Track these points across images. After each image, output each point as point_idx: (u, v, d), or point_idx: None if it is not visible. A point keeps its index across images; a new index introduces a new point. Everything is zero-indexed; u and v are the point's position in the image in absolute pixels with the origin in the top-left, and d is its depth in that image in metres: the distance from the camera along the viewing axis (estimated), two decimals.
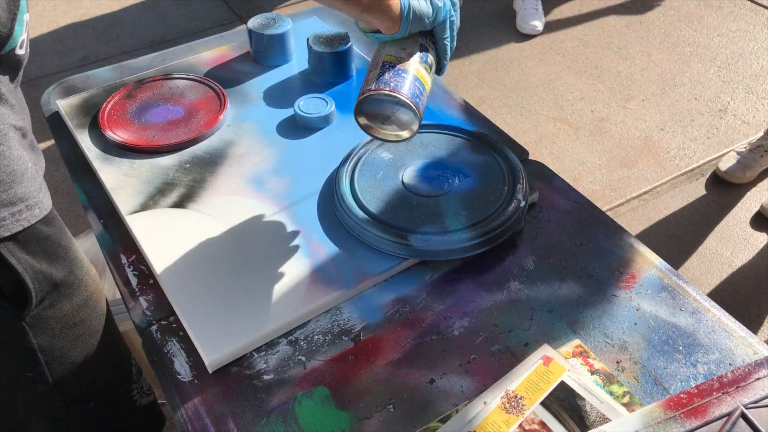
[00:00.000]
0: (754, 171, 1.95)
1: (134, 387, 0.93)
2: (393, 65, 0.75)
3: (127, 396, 0.92)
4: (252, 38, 1.10)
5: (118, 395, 0.91)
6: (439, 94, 1.06)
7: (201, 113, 1.00)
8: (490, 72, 2.44)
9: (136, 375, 0.94)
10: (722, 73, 2.39)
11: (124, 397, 0.92)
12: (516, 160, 0.87)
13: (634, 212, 1.89)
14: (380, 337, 0.73)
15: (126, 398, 0.92)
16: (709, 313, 0.73)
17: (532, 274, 0.79)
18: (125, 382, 0.91)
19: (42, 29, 2.70)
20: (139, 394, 0.94)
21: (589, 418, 0.64)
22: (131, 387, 0.93)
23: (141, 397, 0.95)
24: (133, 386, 0.93)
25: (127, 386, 0.92)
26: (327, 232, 0.83)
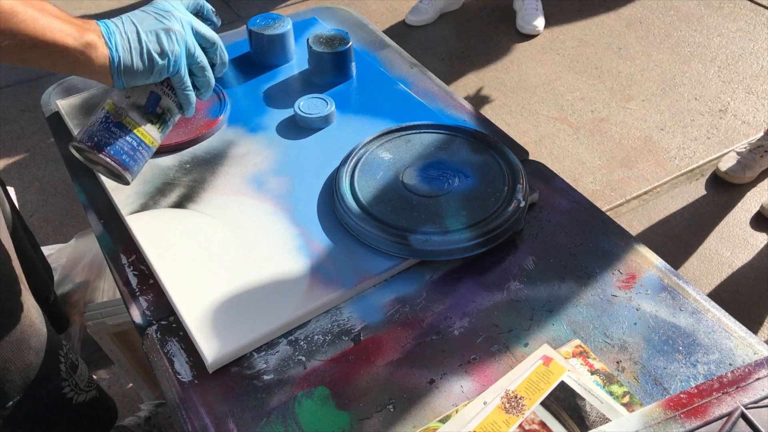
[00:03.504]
0: (754, 171, 1.95)
1: (65, 384, 0.91)
2: (108, 116, 0.72)
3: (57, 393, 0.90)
4: (252, 38, 1.10)
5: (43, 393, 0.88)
6: (439, 94, 1.06)
7: (201, 113, 1.00)
8: (490, 72, 2.44)
9: (67, 372, 0.91)
10: (722, 73, 2.39)
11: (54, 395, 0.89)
12: (516, 160, 0.87)
13: (634, 212, 1.90)
14: (380, 337, 0.73)
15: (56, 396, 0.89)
16: (709, 313, 0.73)
17: (532, 274, 0.79)
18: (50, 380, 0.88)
19: None
20: (73, 392, 0.92)
21: (589, 418, 0.64)
22: (60, 384, 0.90)
23: (77, 394, 0.92)
24: (63, 383, 0.90)
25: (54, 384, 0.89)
26: (327, 232, 0.83)
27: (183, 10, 0.73)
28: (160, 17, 0.70)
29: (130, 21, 0.69)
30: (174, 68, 0.71)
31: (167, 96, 0.74)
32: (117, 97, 0.72)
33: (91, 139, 0.71)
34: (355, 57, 1.09)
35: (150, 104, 0.73)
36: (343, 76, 1.07)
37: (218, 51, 0.76)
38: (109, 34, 0.67)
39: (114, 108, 0.72)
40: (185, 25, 0.72)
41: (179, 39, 0.70)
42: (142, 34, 0.68)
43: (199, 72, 0.74)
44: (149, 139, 0.74)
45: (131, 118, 0.72)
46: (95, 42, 0.65)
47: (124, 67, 0.67)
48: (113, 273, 0.82)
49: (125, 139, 0.72)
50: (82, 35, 0.64)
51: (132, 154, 0.73)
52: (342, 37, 1.06)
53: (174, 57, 0.70)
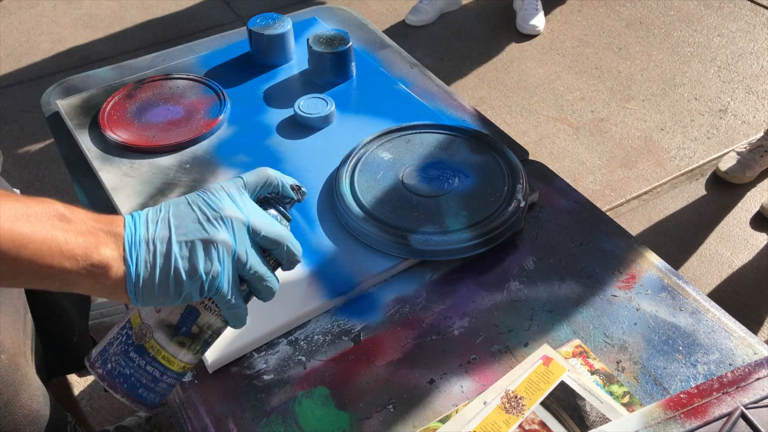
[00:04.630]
0: (754, 171, 1.94)
1: None
2: (129, 336, 0.56)
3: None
4: (252, 38, 1.10)
5: None
6: (439, 94, 1.06)
7: (201, 113, 1.00)
8: (490, 72, 2.44)
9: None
10: (722, 73, 2.39)
11: None
12: (516, 160, 0.87)
13: (634, 212, 1.89)
14: (380, 337, 0.73)
15: None
16: (709, 313, 0.73)
17: (532, 274, 0.79)
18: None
19: (42, 29, 2.70)
20: None
21: (589, 418, 0.64)
22: None
23: None
24: None
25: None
26: (327, 232, 0.83)
27: (244, 200, 0.57)
28: (205, 219, 0.54)
29: (166, 221, 0.54)
30: (210, 289, 0.54)
31: (209, 310, 0.57)
32: (145, 310, 0.57)
33: (104, 366, 0.56)
34: (355, 57, 1.09)
35: (184, 323, 0.57)
36: (343, 76, 1.07)
37: (285, 251, 0.58)
38: (132, 242, 0.52)
39: (139, 324, 0.56)
40: (238, 229, 0.55)
41: (222, 254, 0.53)
42: (174, 246, 0.52)
43: (256, 282, 0.57)
44: (178, 365, 0.58)
45: (156, 342, 0.56)
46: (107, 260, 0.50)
47: (143, 287, 0.51)
48: None
49: (146, 369, 0.56)
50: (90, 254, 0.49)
51: (152, 386, 0.57)
52: (342, 37, 1.06)
53: (209, 278, 0.53)
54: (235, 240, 0.54)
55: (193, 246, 0.53)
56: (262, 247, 0.58)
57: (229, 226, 0.55)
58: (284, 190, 0.62)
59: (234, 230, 0.55)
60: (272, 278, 0.58)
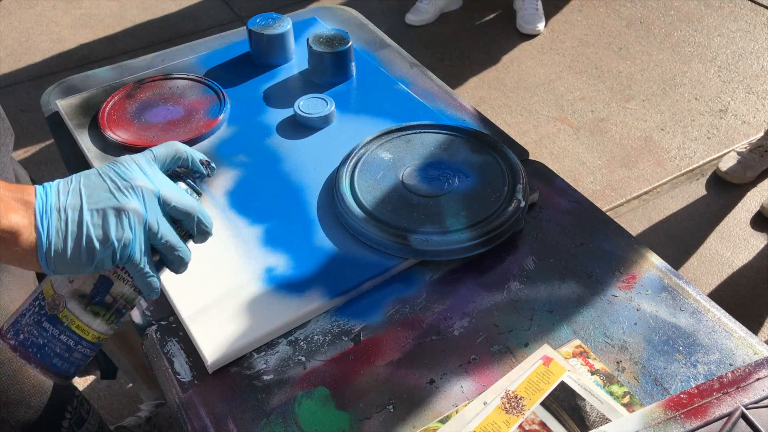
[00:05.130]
0: (754, 171, 1.95)
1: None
2: (42, 306, 0.57)
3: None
4: (252, 38, 1.10)
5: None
6: (439, 94, 1.06)
7: (201, 113, 1.00)
8: (490, 72, 2.44)
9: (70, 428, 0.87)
10: (722, 73, 2.39)
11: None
12: (516, 160, 0.87)
13: (634, 212, 1.89)
14: (380, 338, 0.73)
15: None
16: (709, 314, 0.73)
17: (532, 274, 0.79)
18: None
19: (42, 29, 2.70)
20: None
21: (589, 419, 0.64)
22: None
23: None
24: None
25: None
26: (327, 232, 0.83)
27: (153, 172, 0.59)
28: (116, 189, 0.55)
29: (78, 191, 0.55)
30: (122, 257, 0.55)
31: (121, 280, 0.58)
32: (58, 280, 0.57)
33: (16, 336, 0.56)
34: (355, 57, 1.09)
35: (97, 292, 0.57)
36: (343, 76, 1.07)
37: (195, 222, 0.60)
38: (43, 209, 0.53)
39: (51, 295, 0.57)
40: (148, 198, 0.56)
41: (133, 221, 0.55)
42: (86, 214, 0.53)
43: (167, 251, 0.59)
44: (93, 335, 0.58)
45: (70, 311, 0.57)
46: (17, 226, 0.51)
47: (54, 255, 0.53)
48: None
49: (59, 339, 0.57)
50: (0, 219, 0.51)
51: (66, 356, 0.57)
52: (342, 37, 1.06)
53: (121, 245, 0.54)
54: (146, 209, 0.56)
55: (105, 214, 0.54)
56: (173, 219, 0.59)
57: (139, 196, 0.56)
58: (194, 165, 0.63)
59: (145, 199, 0.56)
60: (184, 248, 0.60)
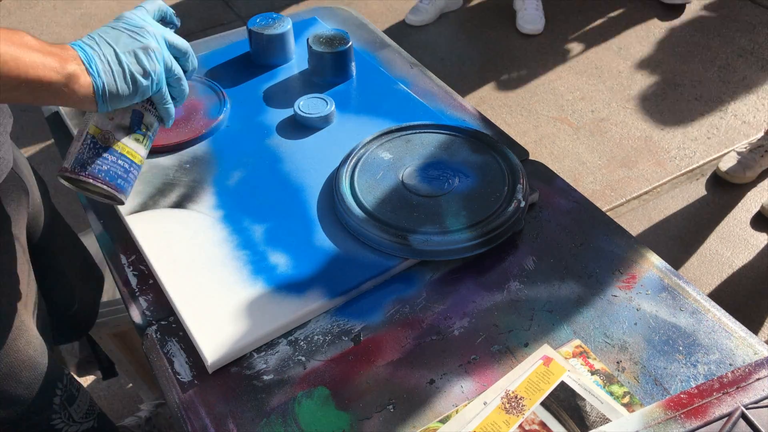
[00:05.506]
0: (754, 171, 1.95)
1: (55, 417, 0.90)
2: (95, 141, 0.70)
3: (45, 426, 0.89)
4: (252, 38, 1.10)
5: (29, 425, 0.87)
6: (439, 94, 1.06)
7: (201, 113, 0.99)
8: (490, 72, 2.44)
9: (61, 404, 0.91)
10: (722, 73, 2.39)
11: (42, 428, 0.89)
12: (516, 160, 0.87)
13: (634, 212, 1.89)
14: (380, 338, 0.73)
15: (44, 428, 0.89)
16: (709, 314, 0.73)
17: (532, 274, 0.79)
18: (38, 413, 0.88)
19: (42, 29, 2.70)
20: (65, 423, 0.91)
21: (589, 419, 0.64)
22: (50, 417, 0.89)
23: (68, 425, 0.92)
24: (53, 416, 0.90)
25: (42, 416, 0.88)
26: (327, 232, 0.83)
27: (153, 22, 0.71)
28: (135, 35, 0.68)
29: (105, 42, 0.66)
30: (157, 87, 0.70)
31: (149, 112, 0.74)
32: (100, 121, 0.71)
33: (83, 168, 0.70)
34: (355, 57, 1.09)
35: (135, 123, 0.72)
36: (343, 76, 1.07)
37: (190, 58, 0.74)
38: (89, 60, 0.64)
39: (100, 132, 0.71)
40: (160, 39, 0.70)
41: (158, 56, 0.68)
42: (122, 56, 0.66)
43: (176, 83, 0.73)
44: (138, 158, 0.74)
45: (119, 141, 0.72)
46: (77, 72, 0.62)
47: (109, 93, 0.65)
48: (113, 273, 0.82)
49: (117, 163, 0.71)
50: (64, 67, 0.61)
51: (125, 176, 0.72)
52: (342, 37, 1.06)
53: (156, 76, 0.69)
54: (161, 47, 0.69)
55: (136, 54, 0.67)
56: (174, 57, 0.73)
57: (153, 37, 0.69)
58: (170, 17, 0.77)
59: (158, 40, 0.69)
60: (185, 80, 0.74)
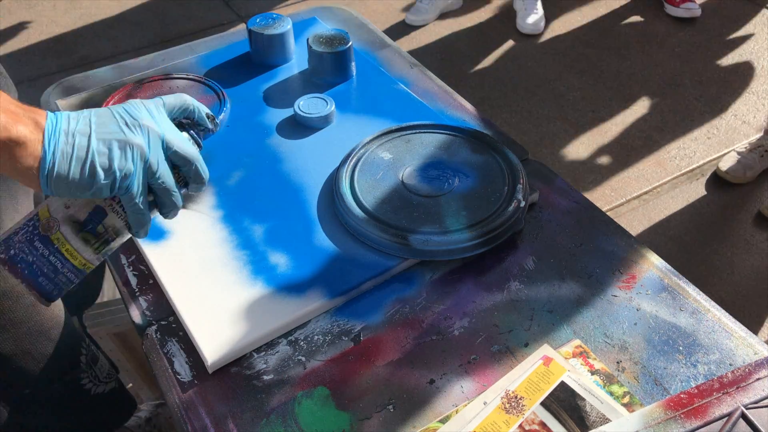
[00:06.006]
0: (754, 171, 1.94)
1: (83, 375, 0.90)
2: (36, 226, 0.60)
3: (75, 384, 0.90)
4: (252, 38, 1.10)
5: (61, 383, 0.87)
6: (439, 94, 1.06)
7: None
8: (490, 72, 2.44)
9: (87, 363, 0.91)
10: (722, 73, 2.39)
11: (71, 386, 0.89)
12: (516, 160, 0.87)
13: (634, 212, 1.89)
14: (380, 338, 0.73)
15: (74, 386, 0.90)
16: (709, 314, 0.73)
17: (532, 274, 0.79)
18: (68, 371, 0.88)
19: (42, 29, 2.70)
20: (92, 383, 0.92)
21: (589, 419, 0.64)
22: (79, 376, 0.90)
23: (95, 385, 0.93)
24: (81, 375, 0.90)
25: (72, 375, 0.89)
26: (327, 232, 0.82)
27: (161, 117, 0.62)
28: (124, 125, 0.59)
29: (88, 121, 0.58)
30: (120, 188, 0.59)
31: (115, 213, 0.62)
32: (54, 205, 0.61)
33: (7, 251, 0.60)
34: (355, 57, 1.09)
35: (90, 221, 0.61)
36: (343, 76, 1.07)
37: (193, 170, 0.64)
38: (53, 131, 0.56)
39: (47, 218, 0.61)
40: (153, 139, 0.60)
41: (136, 156, 0.58)
42: (93, 142, 0.57)
43: (162, 193, 0.63)
44: (80, 261, 0.62)
45: (62, 234, 0.61)
46: (24, 138, 0.54)
47: (56, 175, 0.55)
48: (113, 273, 0.82)
49: (48, 259, 0.61)
50: (12, 127, 0.53)
51: (52, 277, 0.61)
52: (342, 37, 1.06)
53: (122, 175, 0.58)
54: (149, 147, 0.59)
55: (111, 145, 0.57)
56: (173, 164, 0.63)
57: (145, 134, 0.59)
58: (199, 118, 0.67)
59: (149, 139, 0.60)
60: (177, 193, 0.64)
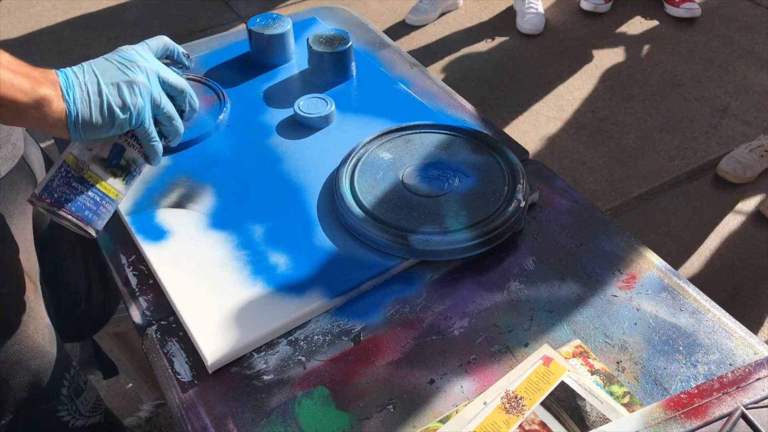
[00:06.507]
0: (754, 171, 1.94)
1: (62, 408, 0.89)
2: (69, 170, 0.68)
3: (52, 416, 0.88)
4: (252, 38, 1.10)
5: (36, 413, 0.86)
6: (439, 94, 1.06)
7: (201, 113, 0.99)
8: (490, 72, 2.44)
9: (68, 396, 0.90)
10: (722, 73, 2.39)
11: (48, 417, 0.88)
12: (516, 160, 0.87)
13: (634, 212, 1.89)
14: (380, 338, 0.73)
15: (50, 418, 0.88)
16: (709, 313, 0.73)
17: (532, 274, 0.79)
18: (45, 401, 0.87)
19: (42, 29, 2.70)
20: (71, 416, 0.91)
21: (589, 419, 0.64)
22: (56, 408, 0.89)
23: (74, 419, 0.91)
24: (59, 407, 0.89)
25: (49, 406, 0.88)
26: (327, 232, 0.83)
27: (150, 57, 0.71)
28: (124, 67, 0.67)
29: (91, 71, 0.65)
30: (137, 121, 0.68)
31: (132, 147, 0.71)
32: (78, 150, 0.69)
33: (51, 196, 0.67)
34: (355, 57, 1.09)
35: (113, 157, 0.70)
36: (343, 76, 1.07)
37: (187, 98, 0.73)
38: (67, 86, 0.63)
39: (75, 161, 0.68)
40: (151, 75, 0.68)
41: (143, 91, 0.67)
42: (103, 87, 0.65)
43: (166, 121, 0.72)
44: (113, 192, 0.71)
45: (93, 172, 0.69)
46: (50, 96, 0.61)
47: (82, 121, 0.63)
48: (113, 273, 0.82)
49: (87, 195, 0.69)
50: (35, 89, 0.60)
51: (95, 209, 0.69)
52: (342, 37, 1.06)
53: (136, 110, 0.67)
54: (150, 83, 0.68)
55: (119, 86, 0.65)
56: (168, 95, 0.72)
57: (144, 72, 0.68)
58: (178, 57, 0.77)
59: (149, 75, 0.68)
60: (179, 119, 0.73)
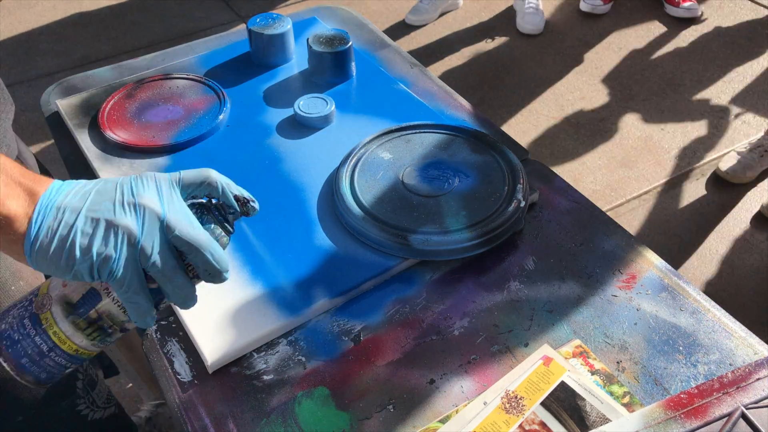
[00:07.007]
0: (754, 171, 1.95)
1: (80, 401, 0.89)
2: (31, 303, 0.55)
3: (71, 410, 0.88)
4: (252, 38, 1.10)
5: (56, 409, 0.85)
6: (439, 94, 1.06)
7: (201, 113, 0.99)
8: (490, 72, 2.44)
9: (84, 389, 0.90)
10: (722, 73, 2.39)
11: (67, 412, 0.88)
12: (516, 160, 0.87)
13: (634, 212, 1.89)
14: (380, 337, 0.73)
15: (70, 413, 0.88)
16: (709, 313, 0.73)
17: (532, 274, 0.79)
18: (64, 396, 0.86)
19: (42, 29, 2.70)
20: (89, 409, 0.91)
21: (589, 419, 0.64)
22: (75, 402, 0.88)
23: (92, 411, 0.91)
24: (78, 401, 0.89)
25: (68, 400, 0.87)
26: (327, 232, 0.83)
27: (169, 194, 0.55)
28: (119, 202, 0.53)
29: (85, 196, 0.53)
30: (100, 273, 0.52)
31: (111, 299, 0.55)
32: (54, 281, 0.56)
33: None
34: (355, 57, 1.09)
35: (83, 304, 0.55)
36: (343, 76, 1.07)
37: (202, 259, 0.55)
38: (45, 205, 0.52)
39: (43, 295, 0.56)
40: (148, 220, 0.53)
41: (121, 240, 0.52)
42: (80, 220, 0.51)
43: (161, 281, 0.54)
44: (70, 346, 0.56)
45: (52, 316, 0.55)
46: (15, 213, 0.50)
47: (37, 250, 0.51)
48: None
49: (33, 340, 0.55)
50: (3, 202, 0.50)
51: (37, 360, 0.55)
52: (342, 37, 1.06)
53: (100, 259, 0.51)
54: (141, 229, 0.52)
55: (97, 224, 0.51)
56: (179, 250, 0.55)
57: (139, 215, 0.53)
58: (224, 198, 0.58)
59: (144, 220, 0.53)
60: (182, 281, 0.55)
